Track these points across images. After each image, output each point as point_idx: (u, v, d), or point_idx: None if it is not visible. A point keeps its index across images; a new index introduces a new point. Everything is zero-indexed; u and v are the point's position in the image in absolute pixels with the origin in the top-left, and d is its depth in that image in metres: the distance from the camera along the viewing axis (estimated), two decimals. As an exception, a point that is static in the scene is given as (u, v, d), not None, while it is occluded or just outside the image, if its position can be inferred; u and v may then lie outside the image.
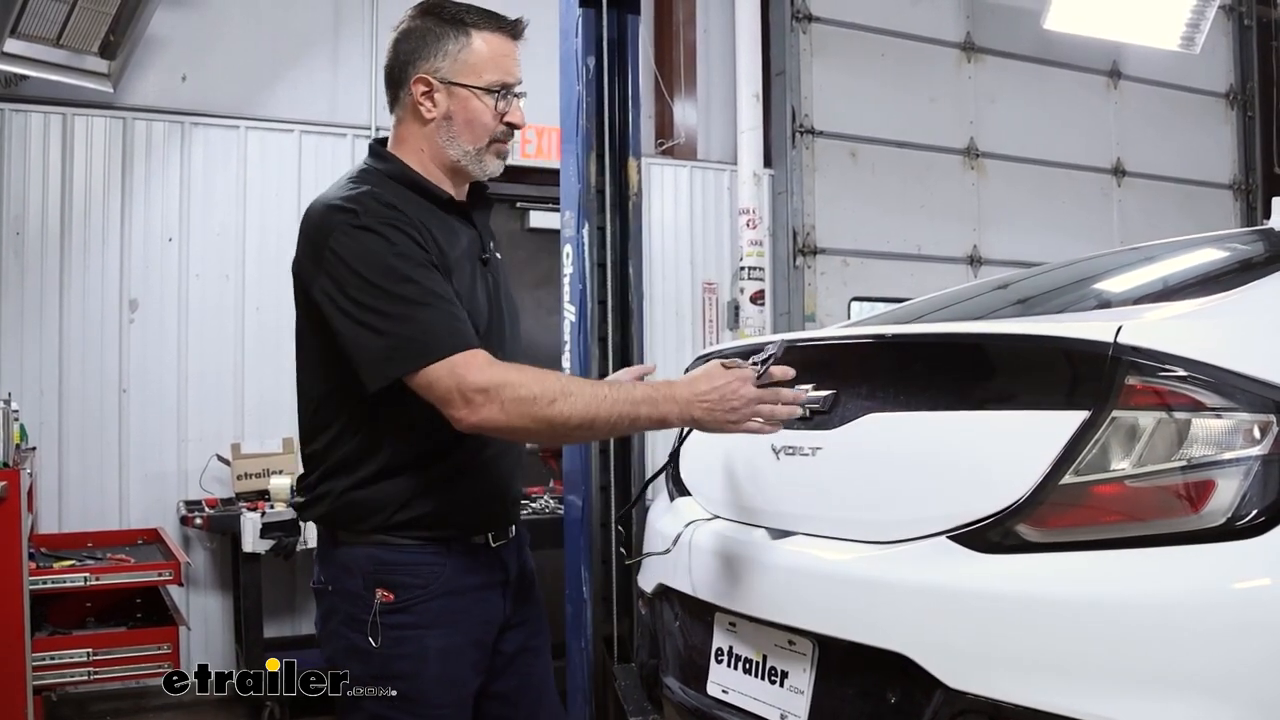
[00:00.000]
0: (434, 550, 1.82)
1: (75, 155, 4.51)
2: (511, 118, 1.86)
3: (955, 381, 1.85)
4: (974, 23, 6.52)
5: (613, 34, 3.29)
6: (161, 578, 3.68)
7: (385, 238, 1.72)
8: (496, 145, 1.87)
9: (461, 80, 1.82)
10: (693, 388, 1.73)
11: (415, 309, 1.69)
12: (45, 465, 4.32)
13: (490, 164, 1.88)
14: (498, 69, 1.84)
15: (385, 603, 1.78)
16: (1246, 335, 1.64)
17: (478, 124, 1.84)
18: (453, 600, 1.82)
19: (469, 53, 1.83)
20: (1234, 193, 7.44)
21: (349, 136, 4.95)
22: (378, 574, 1.79)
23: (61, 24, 3.97)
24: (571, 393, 1.68)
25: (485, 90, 1.83)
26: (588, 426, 1.70)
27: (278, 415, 4.71)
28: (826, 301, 5.96)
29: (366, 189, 1.79)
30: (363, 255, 1.71)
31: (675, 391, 1.73)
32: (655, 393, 1.73)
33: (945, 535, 1.71)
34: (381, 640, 1.77)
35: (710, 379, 1.74)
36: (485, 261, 1.91)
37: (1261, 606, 1.44)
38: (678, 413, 1.73)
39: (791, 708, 1.95)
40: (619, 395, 1.71)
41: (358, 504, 1.80)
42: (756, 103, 5.30)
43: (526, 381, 1.67)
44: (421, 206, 1.81)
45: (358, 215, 1.74)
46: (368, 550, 1.80)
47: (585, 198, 3.33)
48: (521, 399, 1.66)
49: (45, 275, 4.44)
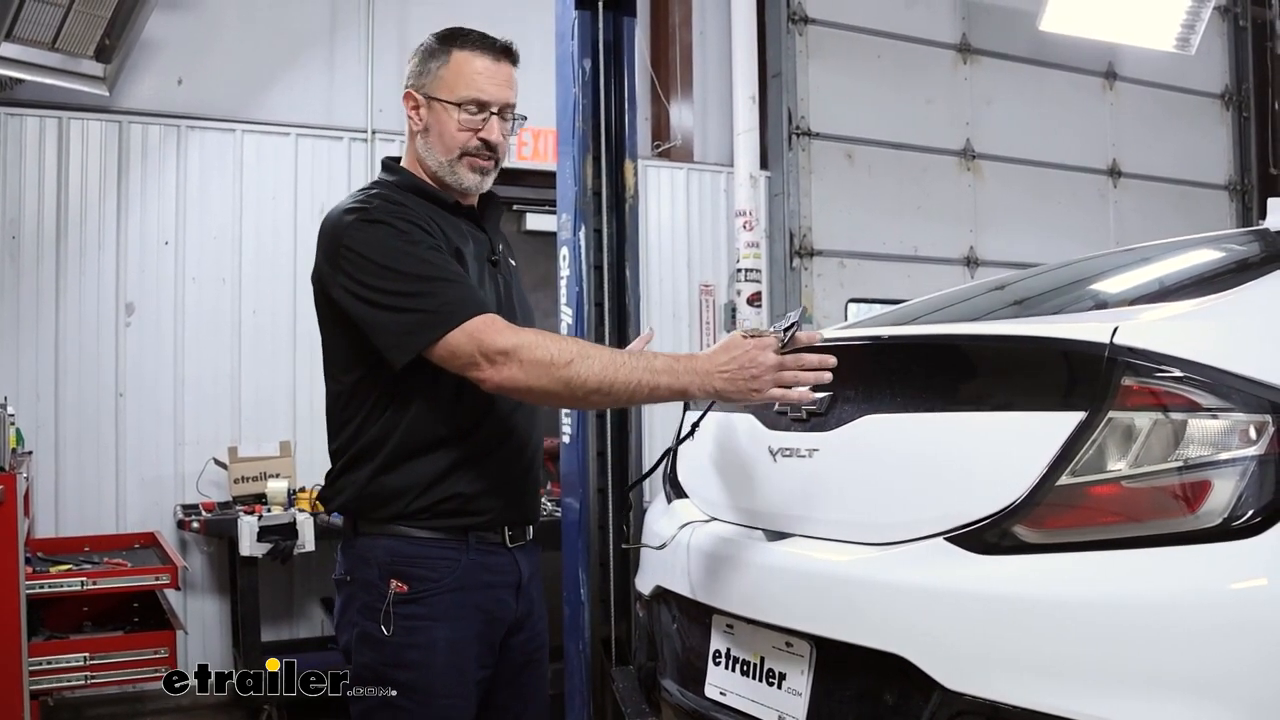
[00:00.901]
0: (450, 545, 1.89)
1: (71, 159, 4.51)
2: (485, 134, 1.94)
3: (952, 383, 1.85)
4: (969, 24, 6.53)
5: (609, 36, 3.29)
6: (158, 582, 3.67)
7: (394, 227, 1.83)
8: (469, 159, 1.95)
9: (436, 94, 1.94)
10: (713, 360, 1.74)
11: (430, 284, 1.78)
12: (42, 470, 4.31)
13: (465, 177, 1.96)
14: (471, 85, 1.93)
15: (399, 593, 1.85)
16: (1242, 336, 1.64)
17: (447, 136, 1.94)
18: (464, 595, 1.89)
19: (446, 69, 1.94)
20: (1229, 193, 7.46)
21: (345, 139, 4.96)
22: (393, 565, 1.87)
23: (57, 28, 3.97)
24: (589, 355, 1.74)
25: (456, 105, 1.93)
26: (605, 390, 1.74)
27: (274, 418, 4.71)
28: (824, 303, 5.97)
29: (375, 192, 1.93)
30: (376, 245, 1.82)
31: (696, 364, 1.75)
32: (676, 364, 1.75)
33: (942, 536, 1.70)
34: (394, 629, 1.85)
35: (729, 349, 1.75)
36: (494, 263, 2.00)
37: (1258, 606, 1.44)
38: (699, 384, 1.74)
39: (789, 709, 1.95)
40: (638, 363, 1.75)
41: (378, 491, 1.88)
42: (753, 105, 5.30)
43: (544, 343, 1.74)
44: (429, 209, 1.93)
45: (367, 212, 1.86)
46: (386, 542, 1.88)
47: (582, 200, 3.33)
48: (539, 360, 1.73)
49: (41, 279, 4.44)
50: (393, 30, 5.13)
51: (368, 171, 4.94)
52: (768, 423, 2.13)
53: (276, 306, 4.75)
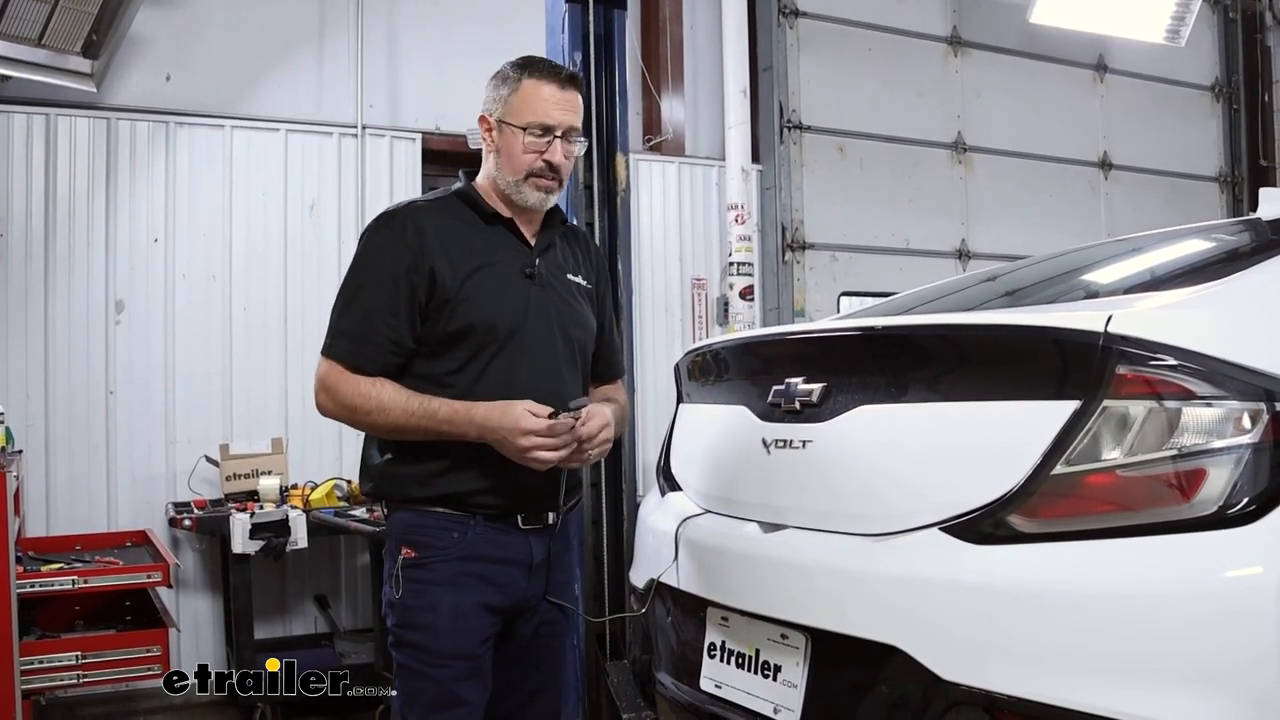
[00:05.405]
0: (458, 519, 2.04)
1: (59, 156, 4.48)
2: (548, 156, 2.08)
3: (946, 373, 1.85)
4: (960, 17, 6.53)
5: (599, 29, 3.28)
6: (150, 580, 3.65)
7: (375, 238, 2.07)
8: (534, 179, 2.10)
9: (507, 119, 2.10)
10: (488, 420, 1.96)
11: (348, 308, 2.05)
12: (32, 469, 4.29)
13: (530, 195, 2.11)
14: (535, 112, 2.08)
15: (407, 558, 2.04)
16: (1236, 324, 1.65)
17: (515, 158, 2.10)
18: (468, 565, 2.03)
19: (516, 97, 2.09)
20: (1220, 185, 7.47)
21: (335, 135, 4.93)
22: (406, 534, 2.06)
23: (43, 24, 3.94)
24: (386, 409, 1.99)
25: (523, 129, 2.08)
26: (400, 433, 2.01)
27: (266, 415, 4.69)
28: (816, 296, 5.96)
29: (417, 198, 2.19)
30: (360, 248, 2.10)
31: (474, 416, 1.96)
32: (456, 415, 1.97)
33: (937, 527, 1.71)
34: (402, 592, 2.03)
35: (503, 418, 1.95)
36: (530, 275, 2.12)
37: (1253, 594, 1.44)
38: (475, 435, 1.97)
39: (785, 701, 1.95)
40: (426, 413, 1.98)
41: (391, 477, 2.08)
42: (744, 98, 5.29)
43: (358, 394, 2.00)
44: (467, 216, 2.12)
45: (386, 212, 2.11)
46: (402, 514, 2.08)
47: (573, 194, 3.32)
48: (349, 406, 2.01)
49: (30, 277, 4.41)
50: (382, 24, 5.11)
51: (358, 167, 4.92)
52: (761, 414, 2.13)
53: (267, 303, 4.72)
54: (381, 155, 5.02)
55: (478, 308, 2.03)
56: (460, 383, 2.02)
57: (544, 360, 2.08)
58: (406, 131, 5.06)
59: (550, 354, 2.09)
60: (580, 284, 2.22)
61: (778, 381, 2.07)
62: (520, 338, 2.06)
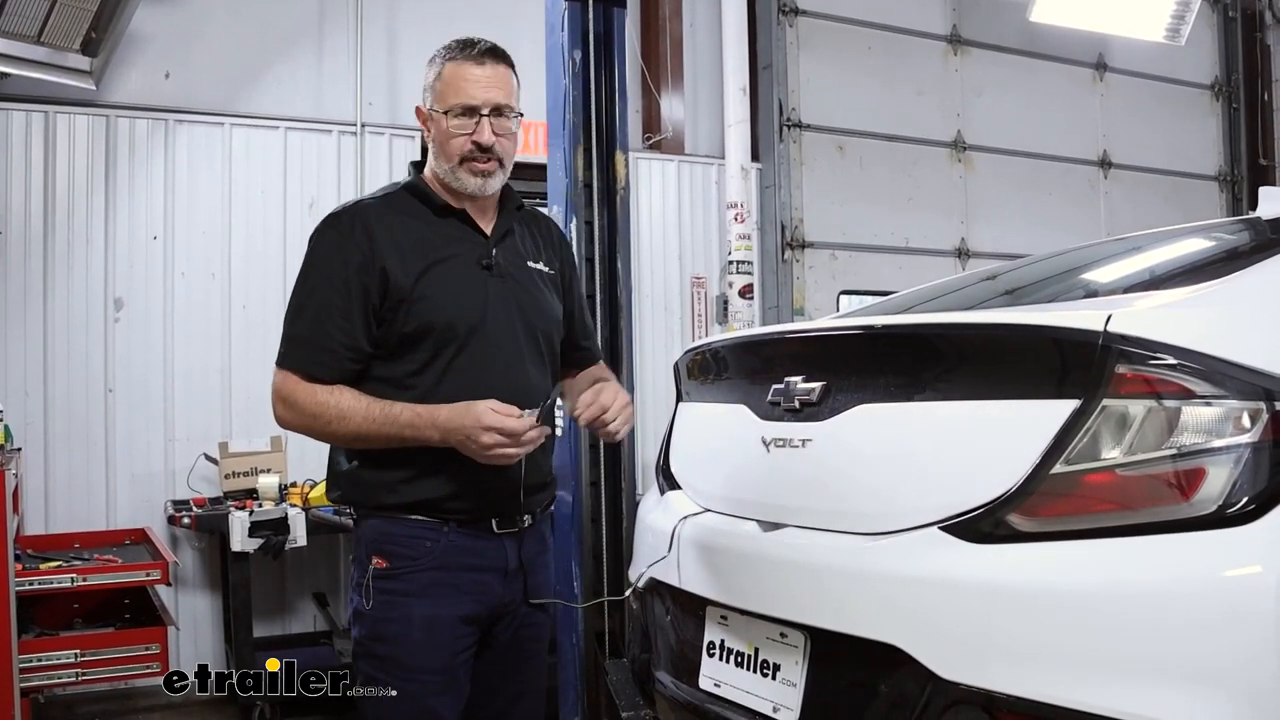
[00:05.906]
0: (430, 527, 1.97)
1: (58, 154, 4.48)
2: (476, 137, 2.00)
3: (945, 372, 1.85)
4: (960, 15, 6.53)
5: (599, 28, 3.28)
6: (149, 578, 3.65)
7: (323, 241, 2.00)
8: (469, 164, 2.01)
9: (434, 107, 2.04)
10: (450, 422, 1.89)
11: (299, 315, 2.01)
12: (31, 466, 4.29)
13: (467, 181, 2.02)
14: (457, 93, 2.00)
15: (379, 568, 1.96)
16: (1235, 323, 1.64)
17: (446, 145, 2.02)
18: (442, 575, 1.96)
19: (439, 82, 2.03)
20: (1220, 184, 7.47)
21: (334, 133, 4.93)
22: (377, 542, 1.98)
23: (42, 21, 3.94)
24: (346, 417, 1.93)
25: (447, 114, 2.01)
26: (362, 440, 1.95)
27: (265, 413, 4.59)
28: (815, 295, 5.96)
29: (364, 196, 2.09)
30: (309, 252, 2.02)
31: (437, 419, 1.89)
32: (419, 419, 1.90)
33: (936, 526, 1.70)
34: (372, 603, 1.96)
35: (463, 417, 1.88)
36: (487, 267, 2.04)
37: (1252, 593, 1.43)
38: (439, 438, 1.90)
39: (784, 700, 1.95)
40: (388, 418, 1.91)
41: (359, 483, 2.01)
42: (744, 96, 5.29)
43: (316, 403, 1.95)
44: (417, 210, 2.05)
45: (333, 214, 2.04)
46: (373, 522, 2.00)
47: (572, 192, 3.32)
48: (308, 415, 1.96)
49: (29, 275, 4.41)
50: (382, 22, 5.11)
51: (357, 164, 4.92)
52: (761, 413, 2.12)
53: (266, 300, 4.72)
54: (381, 153, 5.02)
55: (434, 306, 1.96)
56: (422, 384, 1.96)
57: (507, 356, 2.01)
58: (406, 129, 5.06)
59: (514, 349, 2.03)
60: (542, 270, 2.14)
61: (777, 380, 2.07)
62: (481, 334, 1.98)
